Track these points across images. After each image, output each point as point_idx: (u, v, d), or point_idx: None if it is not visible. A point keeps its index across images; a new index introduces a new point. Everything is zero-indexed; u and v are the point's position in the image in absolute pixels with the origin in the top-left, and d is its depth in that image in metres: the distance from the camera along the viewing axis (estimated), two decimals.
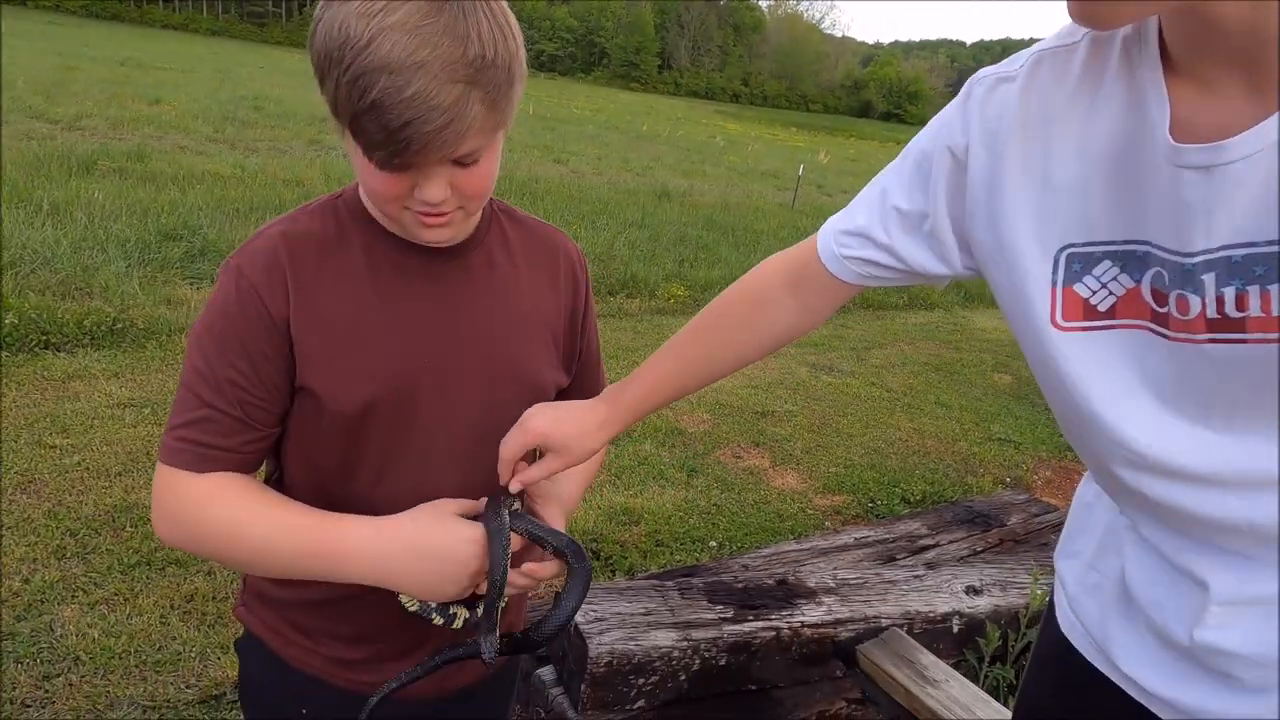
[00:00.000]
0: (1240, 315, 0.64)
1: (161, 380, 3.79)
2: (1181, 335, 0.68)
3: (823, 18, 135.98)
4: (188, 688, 2.09)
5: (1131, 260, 0.71)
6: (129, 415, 3.41)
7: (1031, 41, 0.80)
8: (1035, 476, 4.31)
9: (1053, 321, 0.76)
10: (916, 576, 2.46)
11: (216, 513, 0.83)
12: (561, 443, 0.91)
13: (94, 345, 4.03)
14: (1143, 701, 0.86)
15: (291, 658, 0.94)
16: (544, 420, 0.90)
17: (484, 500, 0.89)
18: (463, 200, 0.81)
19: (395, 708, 0.92)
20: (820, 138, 40.54)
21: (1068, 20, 0.68)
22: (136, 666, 2.13)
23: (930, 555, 2.92)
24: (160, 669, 2.14)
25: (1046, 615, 1.04)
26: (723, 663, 1.96)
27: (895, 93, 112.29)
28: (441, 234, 0.84)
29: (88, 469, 2.98)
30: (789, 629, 2.05)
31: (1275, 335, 0.63)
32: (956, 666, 2.24)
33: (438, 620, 0.89)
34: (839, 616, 2.14)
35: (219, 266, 0.89)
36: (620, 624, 1.91)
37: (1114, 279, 0.73)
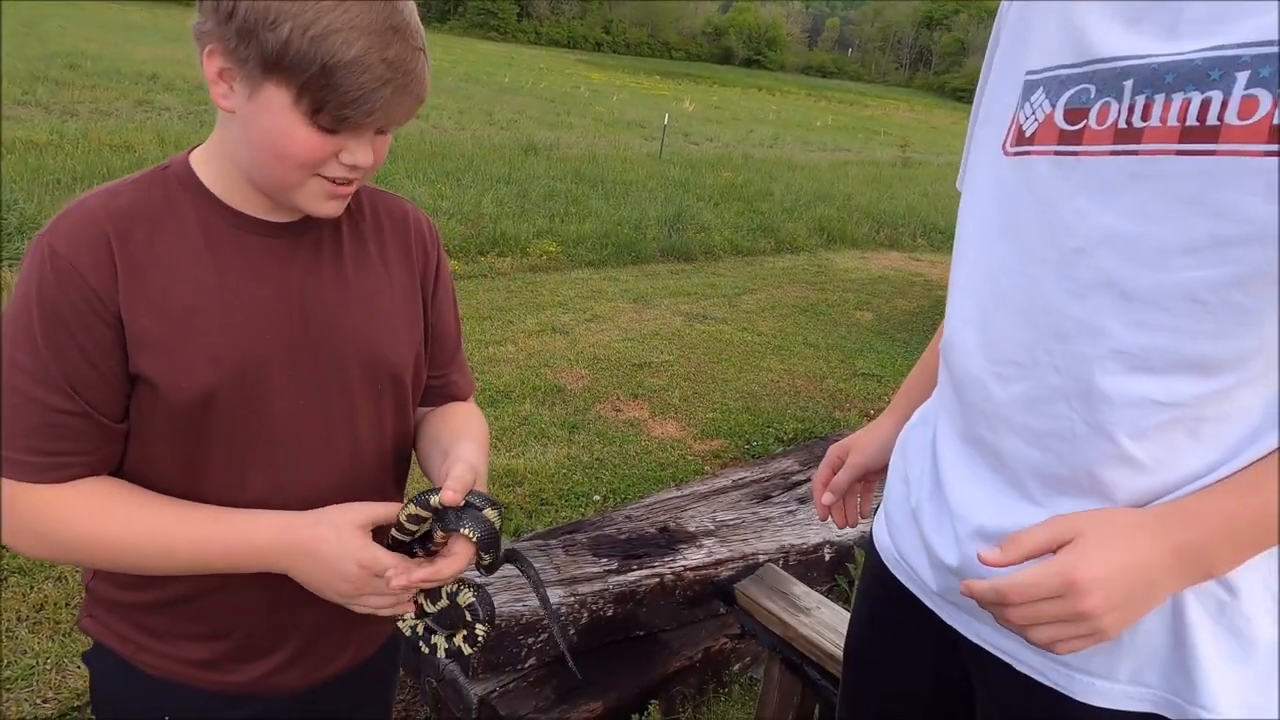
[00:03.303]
0: (1142, 125, 0.64)
1: None
2: (1090, 149, 0.67)
3: None
4: (44, 702, 1.96)
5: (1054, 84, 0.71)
6: None
7: None
8: None
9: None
10: (790, 512, 2.59)
11: (87, 529, 0.78)
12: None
13: None
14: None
15: (145, 664, 0.89)
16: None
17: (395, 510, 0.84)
18: (367, 169, 0.81)
19: (266, 704, 0.90)
20: (684, 85, 40.60)
21: None
22: None
23: (803, 490, 3.06)
24: (12, 685, 1.99)
25: (869, 546, 1.06)
26: (610, 613, 2.01)
27: (755, 39, 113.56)
28: (340, 206, 0.83)
29: None
30: (672, 574, 2.12)
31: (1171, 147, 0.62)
32: (829, 593, 2.39)
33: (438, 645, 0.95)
34: (719, 557, 2.23)
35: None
36: (506, 586, 1.92)
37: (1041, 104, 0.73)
